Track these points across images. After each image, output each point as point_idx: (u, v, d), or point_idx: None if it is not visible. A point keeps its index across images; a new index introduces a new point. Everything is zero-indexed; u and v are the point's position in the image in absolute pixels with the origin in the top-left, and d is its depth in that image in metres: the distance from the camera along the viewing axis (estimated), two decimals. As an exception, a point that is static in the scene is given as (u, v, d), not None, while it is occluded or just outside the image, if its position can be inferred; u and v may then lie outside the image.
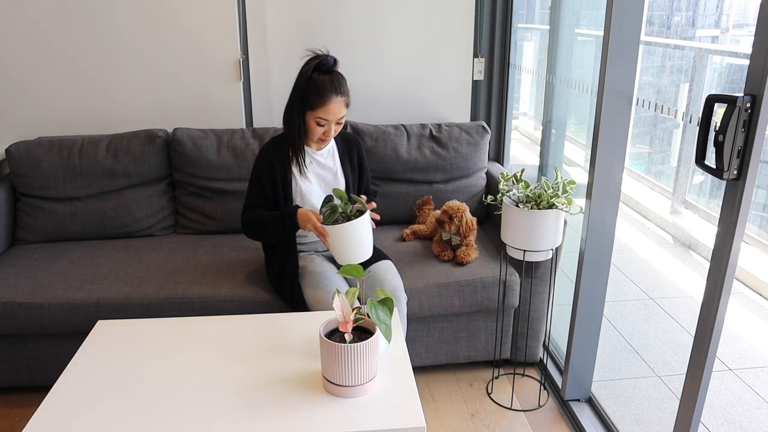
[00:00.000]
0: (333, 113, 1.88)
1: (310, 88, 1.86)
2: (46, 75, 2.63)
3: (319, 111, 1.87)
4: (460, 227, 2.26)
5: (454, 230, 2.26)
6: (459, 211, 2.27)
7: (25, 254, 2.35)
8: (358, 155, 2.12)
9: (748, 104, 1.19)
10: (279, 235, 1.96)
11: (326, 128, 1.91)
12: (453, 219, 2.26)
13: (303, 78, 1.88)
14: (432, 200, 2.60)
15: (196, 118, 2.72)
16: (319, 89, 1.85)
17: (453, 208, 2.28)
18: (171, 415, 1.26)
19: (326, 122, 1.89)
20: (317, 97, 1.85)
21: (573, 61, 2.65)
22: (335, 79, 1.88)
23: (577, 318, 2.02)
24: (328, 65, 1.89)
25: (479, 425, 2.10)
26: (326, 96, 1.85)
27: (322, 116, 1.88)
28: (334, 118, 1.89)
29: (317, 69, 1.88)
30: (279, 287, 2.03)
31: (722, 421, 2.19)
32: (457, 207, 2.28)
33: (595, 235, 1.92)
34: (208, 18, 2.61)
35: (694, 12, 4.69)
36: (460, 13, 2.75)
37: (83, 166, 2.47)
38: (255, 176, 1.99)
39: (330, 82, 1.86)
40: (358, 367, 1.27)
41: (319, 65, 1.88)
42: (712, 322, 1.35)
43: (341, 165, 2.07)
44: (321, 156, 2.04)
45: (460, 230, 2.26)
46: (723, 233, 1.30)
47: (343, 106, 1.89)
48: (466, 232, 2.27)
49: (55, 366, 2.14)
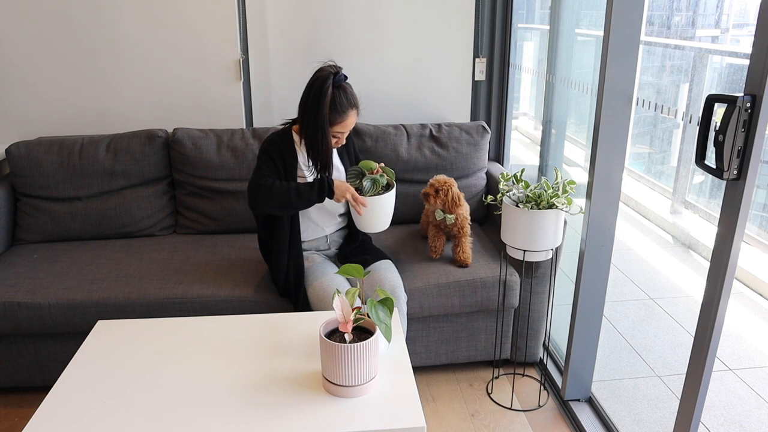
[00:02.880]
0: (349, 126, 1.95)
1: (330, 105, 1.87)
2: (47, 75, 2.63)
3: (338, 126, 1.92)
4: (446, 201, 2.18)
5: (440, 204, 2.19)
6: (446, 185, 2.18)
7: (25, 254, 2.35)
8: (353, 146, 2.21)
9: (748, 104, 1.19)
10: (300, 205, 1.92)
11: (339, 138, 1.98)
12: (439, 192, 2.18)
13: (322, 96, 1.85)
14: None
15: (196, 118, 2.72)
16: (339, 106, 1.88)
17: (440, 182, 2.19)
18: (171, 414, 1.26)
19: (342, 134, 1.96)
20: (338, 114, 1.89)
21: (573, 61, 2.66)
22: (351, 94, 1.92)
23: (577, 318, 2.02)
24: (341, 80, 1.90)
25: (479, 425, 2.10)
26: (346, 112, 1.90)
27: (341, 130, 1.94)
28: (348, 129, 1.97)
29: (333, 85, 1.88)
30: (283, 286, 2.03)
31: (722, 421, 2.19)
32: (444, 180, 2.20)
33: (595, 235, 1.92)
34: (208, 18, 2.61)
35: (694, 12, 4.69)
36: (460, 13, 2.75)
37: (83, 166, 2.47)
38: (265, 156, 1.96)
39: (346, 98, 1.90)
40: (358, 367, 1.27)
41: (335, 81, 1.88)
42: (712, 322, 1.35)
43: (340, 158, 2.13)
44: None
45: (446, 204, 2.18)
46: (723, 233, 1.30)
47: (356, 116, 1.97)
48: (452, 207, 2.18)
49: (55, 366, 2.14)
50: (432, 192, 2.19)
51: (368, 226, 1.98)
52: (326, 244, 2.14)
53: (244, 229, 2.56)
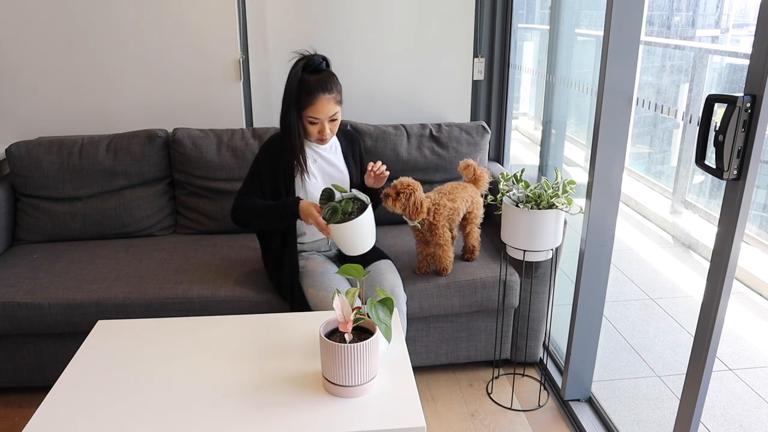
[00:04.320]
0: (323, 111, 1.89)
1: (299, 89, 1.88)
2: (47, 75, 2.63)
3: (309, 110, 1.89)
4: (407, 206, 1.97)
5: (400, 208, 1.98)
6: (408, 188, 1.97)
7: (25, 254, 2.35)
8: (359, 149, 2.17)
9: (748, 104, 1.19)
10: (274, 224, 1.97)
11: (320, 127, 1.93)
12: (400, 196, 1.98)
13: (293, 80, 1.90)
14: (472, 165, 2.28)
15: (196, 118, 2.72)
16: (307, 89, 1.87)
17: (403, 184, 1.98)
18: (171, 414, 1.26)
19: (318, 120, 1.92)
20: (306, 97, 1.88)
21: (573, 61, 2.66)
22: (323, 78, 1.89)
23: (577, 318, 2.02)
24: (314, 64, 1.90)
25: (479, 425, 2.10)
26: (314, 95, 1.87)
27: (313, 115, 1.90)
28: (326, 116, 1.91)
29: (305, 69, 1.90)
30: (278, 285, 2.04)
31: (722, 421, 2.19)
32: (407, 183, 1.99)
33: (595, 235, 1.92)
34: (208, 18, 2.61)
35: (694, 12, 4.69)
36: (460, 13, 2.75)
37: (83, 166, 2.47)
38: (256, 166, 2.00)
39: (317, 82, 1.88)
40: (358, 367, 1.27)
41: (307, 65, 1.90)
42: (712, 322, 1.35)
43: (344, 159, 2.10)
44: (324, 151, 2.05)
45: (407, 209, 1.98)
46: (723, 233, 1.30)
47: (333, 103, 1.90)
48: (412, 214, 1.98)
49: (55, 366, 2.14)
50: (392, 194, 1.99)
51: (345, 249, 1.86)
52: (327, 245, 2.14)
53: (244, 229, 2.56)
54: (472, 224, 2.23)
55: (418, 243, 2.18)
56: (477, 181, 2.25)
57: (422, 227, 2.09)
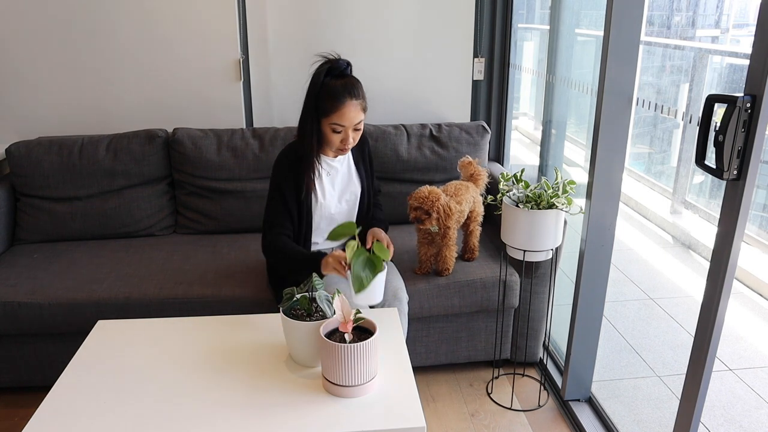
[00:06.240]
0: (349, 118, 1.78)
1: (322, 94, 1.77)
2: (47, 75, 2.63)
3: (334, 117, 1.77)
4: (440, 217, 2.02)
5: (435, 222, 2.03)
6: (433, 204, 2.00)
7: (25, 254, 2.35)
8: (368, 151, 2.08)
9: (748, 104, 1.19)
10: (300, 270, 1.81)
11: (343, 135, 1.81)
12: (431, 213, 2.00)
13: (315, 84, 1.79)
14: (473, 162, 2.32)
15: (196, 118, 2.72)
16: (333, 94, 1.76)
17: (425, 200, 1.99)
18: (171, 415, 1.26)
19: (342, 128, 1.79)
20: (331, 102, 1.76)
21: (573, 61, 2.66)
22: (349, 82, 1.79)
23: (577, 318, 2.02)
24: (340, 69, 1.81)
25: (479, 425, 2.10)
26: (340, 100, 1.75)
27: (338, 122, 1.78)
28: (351, 124, 1.79)
29: (329, 74, 1.80)
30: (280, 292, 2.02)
31: (722, 421, 2.19)
32: (426, 197, 2.00)
33: (595, 235, 1.92)
34: (208, 18, 2.61)
35: (694, 12, 4.69)
36: (460, 13, 2.75)
37: (83, 166, 2.47)
38: (276, 188, 1.88)
39: (343, 86, 1.77)
40: (358, 367, 1.27)
41: (331, 69, 1.80)
42: (712, 322, 1.35)
43: (356, 167, 2.02)
44: (335, 161, 1.96)
45: (440, 220, 2.02)
46: (723, 233, 1.30)
47: (359, 110, 1.79)
48: (447, 220, 2.02)
49: (55, 366, 2.14)
50: (422, 215, 2.00)
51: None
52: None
53: (244, 229, 2.56)
54: (475, 223, 2.24)
55: (421, 244, 2.17)
56: (476, 179, 2.26)
57: (440, 231, 2.09)
